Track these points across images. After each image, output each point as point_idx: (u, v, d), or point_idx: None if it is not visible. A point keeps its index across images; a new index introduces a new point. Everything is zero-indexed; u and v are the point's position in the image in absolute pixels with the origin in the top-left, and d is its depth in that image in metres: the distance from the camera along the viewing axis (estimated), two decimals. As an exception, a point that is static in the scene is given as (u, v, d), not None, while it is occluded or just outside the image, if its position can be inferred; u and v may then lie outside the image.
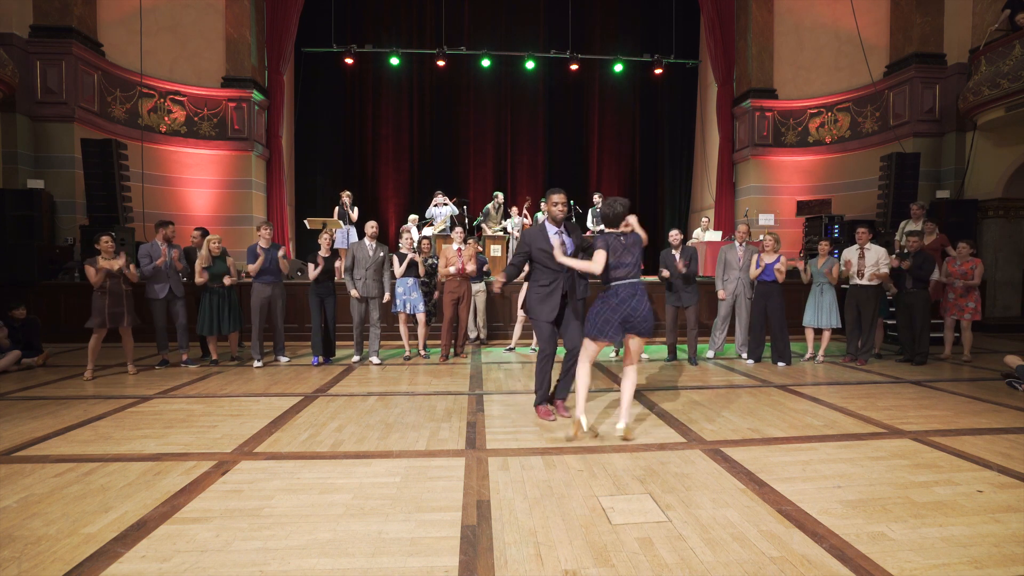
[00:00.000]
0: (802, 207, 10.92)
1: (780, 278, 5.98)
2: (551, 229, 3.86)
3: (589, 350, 3.53)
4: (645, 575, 1.97)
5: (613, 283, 3.45)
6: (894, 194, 9.12)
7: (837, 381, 5.31)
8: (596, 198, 10.21)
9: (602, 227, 3.59)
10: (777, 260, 6.01)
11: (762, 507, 2.50)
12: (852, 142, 11.11)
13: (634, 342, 3.46)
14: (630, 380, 3.48)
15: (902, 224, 8.22)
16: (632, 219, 3.65)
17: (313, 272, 5.94)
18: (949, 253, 7.04)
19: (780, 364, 6.08)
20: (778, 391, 4.84)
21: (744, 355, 6.41)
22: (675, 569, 2.00)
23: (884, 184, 9.33)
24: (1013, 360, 5.10)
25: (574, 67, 12.37)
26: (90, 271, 5.39)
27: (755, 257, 6.17)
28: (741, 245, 6.37)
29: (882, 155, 9.63)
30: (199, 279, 5.90)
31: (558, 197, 3.81)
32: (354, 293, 6.06)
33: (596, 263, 3.42)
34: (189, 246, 6.75)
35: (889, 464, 3.04)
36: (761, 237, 6.37)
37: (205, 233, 6.47)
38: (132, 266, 5.69)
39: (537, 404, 4.03)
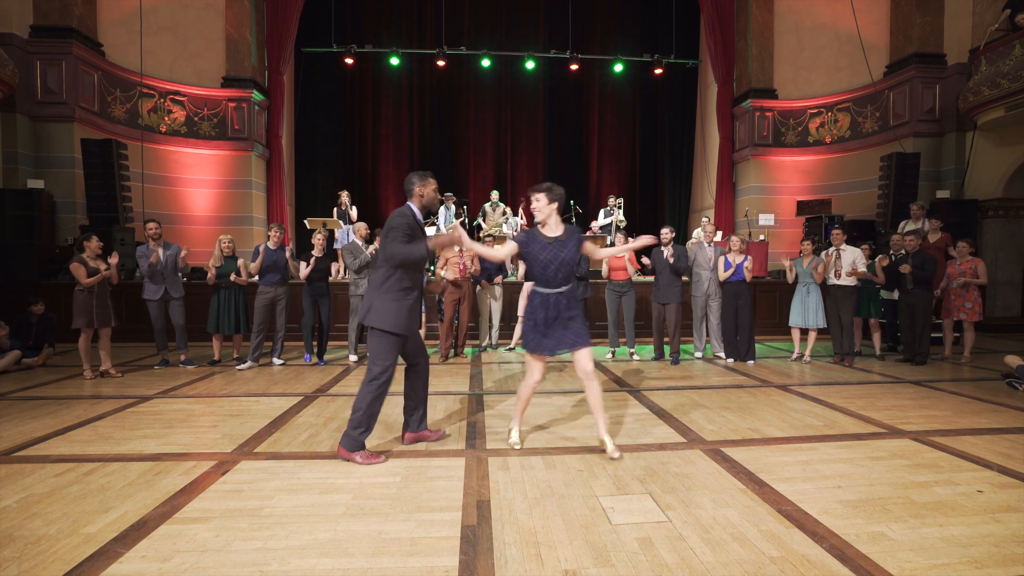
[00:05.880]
0: (802, 207, 10.92)
1: (748, 277, 6.14)
2: (419, 216, 3.26)
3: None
4: (645, 575, 1.97)
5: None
6: (894, 194, 9.12)
7: (837, 381, 5.31)
8: (612, 200, 10.06)
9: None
10: (744, 260, 6.16)
11: (762, 507, 2.50)
12: (852, 142, 11.10)
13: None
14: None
15: (902, 224, 8.21)
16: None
17: (304, 270, 5.94)
18: (951, 254, 7.04)
19: (750, 362, 6.24)
20: (778, 391, 4.85)
21: (722, 354, 6.52)
22: (675, 569, 2.00)
23: (884, 184, 9.33)
24: (1013, 360, 5.10)
25: (574, 67, 12.35)
26: (80, 270, 5.28)
27: (722, 258, 6.28)
28: (710, 245, 6.44)
29: (882, 155, 9.63)
30: (211, 278, 5.92)
31: (436, 183, 3.34)
32: (370, 250, 6.05)
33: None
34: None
35: (889, 464, 3.04)
36: (725, 237, 6.49)
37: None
38: (114, 267, 5.58)
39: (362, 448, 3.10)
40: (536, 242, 3.15)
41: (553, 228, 3.18)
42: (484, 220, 10.15)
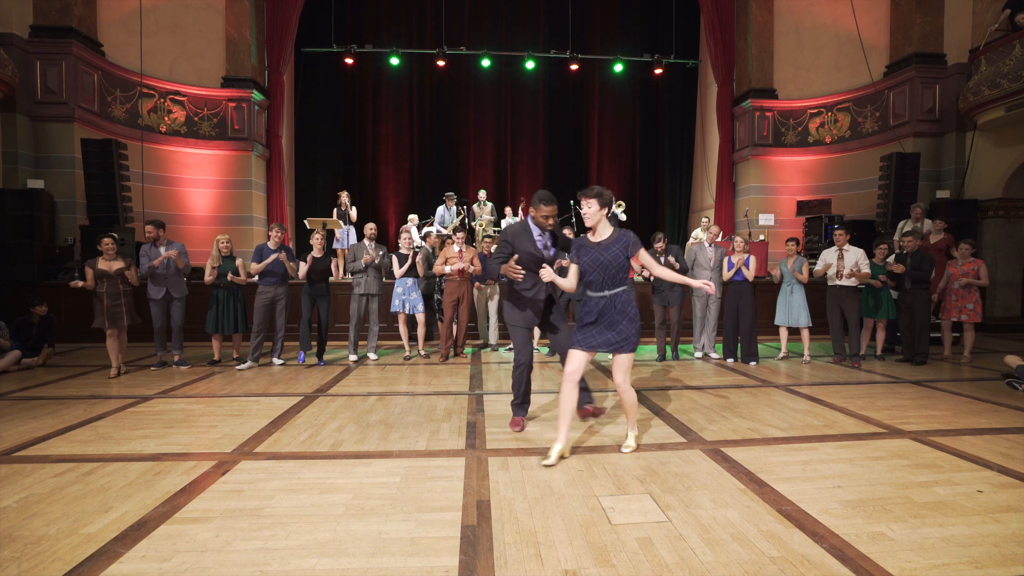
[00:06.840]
0: (802, 207, 10.92)
1: (750, 277, 6.17)
2: (535, 231, 3.59)
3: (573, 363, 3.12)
4: (645, 575, 1.97)
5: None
6: (894, 194, 9.12)
7: (837, 381, 5.31)
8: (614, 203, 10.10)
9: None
10: (747, 260, 6.17)
11: (762, 507, 2.50)
12: (852, 142, 11.10)
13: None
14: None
15: (901, 224, 8.21)
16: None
17: (303, 269, 5.94)
18: (953, 254, 7.05)
19: (752, 363, 6.22)
20: (778, 391, 4.84)
21: (713, 353, 6.57)
22: (675, 569, 2.00)
23: (884, 184, 9.33)
24: (1013, 360, 5.10)
25: (574, 67, 12.35)
26: (88, 273, 5.48)
27: (725, 259, 6.32)
28: (711, 246, 6.46)
29: (882, 155, 9.63)
30: (208, 278, 5.92)
31: (549, 209, 3.47)
32: (367, 258, 6.20)
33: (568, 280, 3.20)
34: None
35: (889, 464, 3.04)
36: (726, 237, 6.49)
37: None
38: (133, 267, 5.72)
39: (517, 415, 3.78)
40: (583, 249, 3.20)
41: (601, 233, 3.17)
42: (474, 220, 10.17)
